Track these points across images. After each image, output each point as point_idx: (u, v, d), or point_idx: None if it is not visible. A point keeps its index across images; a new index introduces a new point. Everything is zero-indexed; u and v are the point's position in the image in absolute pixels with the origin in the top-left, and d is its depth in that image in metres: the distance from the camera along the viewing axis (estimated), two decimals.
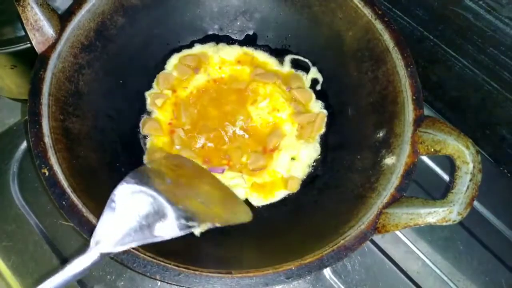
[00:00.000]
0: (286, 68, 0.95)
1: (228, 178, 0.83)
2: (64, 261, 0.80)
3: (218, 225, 0.63)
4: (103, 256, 0.51)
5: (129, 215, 0.53)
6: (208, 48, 0.94)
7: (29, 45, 0.81)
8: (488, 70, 0.87)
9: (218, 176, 0.82)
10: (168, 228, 0.56)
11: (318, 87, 0.93)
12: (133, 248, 0.58)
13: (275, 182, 0.84)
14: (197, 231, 0.61)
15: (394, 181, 0.65)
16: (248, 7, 0.94)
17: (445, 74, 0.97)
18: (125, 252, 0.57)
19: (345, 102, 0.86)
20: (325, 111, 0.90)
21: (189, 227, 0.58)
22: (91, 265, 0.51)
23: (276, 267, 0.59)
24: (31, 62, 0.71)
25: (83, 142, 0.72)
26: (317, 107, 0.91)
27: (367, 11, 0.79)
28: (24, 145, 0.91)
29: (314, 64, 0.94)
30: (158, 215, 0.55)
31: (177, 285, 0.58)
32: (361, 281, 0.82)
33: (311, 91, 0.92)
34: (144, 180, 0.58)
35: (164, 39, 0.92)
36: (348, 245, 0.61)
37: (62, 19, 0.73)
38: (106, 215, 0.53)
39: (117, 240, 0.52)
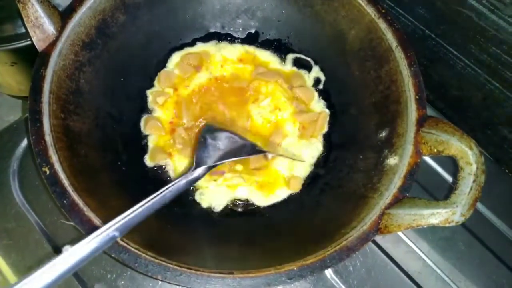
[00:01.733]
0: (288, 66, 0.94)
1: (228, 178, 0.82)
2: None
3: (281, 153, 0.83)
4: (206, 170, 0.68)
5: (215, 143, 0.72)
6: (210, 47, 0.94)
7: (29, 42, 0.81)
8: (490, 69, 0.86)
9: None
10: (246, 151, 0.75)
11: (320, 86, 0.92)
12: (134, 248, 0.58)
13: (276, 180, 0.83)
14: (269, 155, 0.83)
15: (397, 181, 0.65)
16: (250, 5, 0.93)
17: (446, 73, 0.97)
18: (126, 251, 0.58)
19: (347, 101, 0.86)
20: (327, 110, 0.89)
21: (260, 151, 0.77)
22: (198, 177, 0.67)
23: (278, 267, 0.58)
24: (31, 59, 0.70)
25: (84, 140, 0.71)
26: (319, 106, 0.90)
27: (370, 10, 0.78)
28: (24, 142, 0.90)
29: (316, 63, 0.93)
30: (236, 143, 0.75)
31: (178, 285, 0.58)
32: (362, 281, 0.82)
33: (313, 89, 0.92)
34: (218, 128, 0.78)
35: (166, 37, 0.91)
36: (350, 246, 0.61)
37: (63, 16, 0.72)
38: (199, 144, 0.71)
39: (213, 158, 0.70)
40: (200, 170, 0.67)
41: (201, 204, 0.80)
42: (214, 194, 0.81)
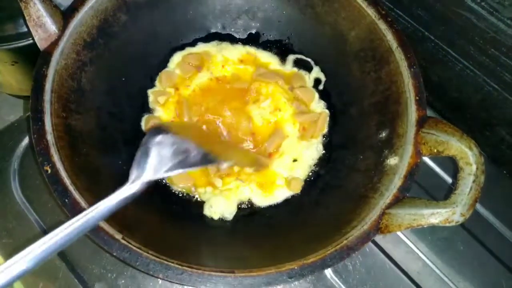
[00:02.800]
0: (289, 67, 0.94)
1: (227, 182, 0.82)
2: (65, 258, 0.79)
3: (241, 165, 0.78)
4: (144, 184, 0.55)
5: (160, 151, 0.59)
6: (211, 47, 0.94)
7: (30, 41, 0.81)
8: (489, 71, 0.87)
9: None
10: (197, 160, 0.62)
11: (321, 87, 0.93)
12: (135, 247, 0.58)
13: (275, 179, 0.83)
14: (224, 165, 0.76)
15: (397, 181, 0.65)
16: (251, 6, 0.94)
17: (445, 75, 0.97)
18: (128, 250, 0.58)
19: (347, 102, 0.87)
20: (327, 111, 0.90)
21: (214, 161, 0.67)
22: (134, 194, 0.55)
23: (279, 266, 0.59)
24: (32, 59, 0.70)
25: (86, 139, 0.71)
26: (319, 107, 0.91)
27: (370, 11, 0.79)
28: (25, 142, 0.90)
29: (316, 64, 0.94)
30: (185, 152, 0.61)
31: (179, 283, 0.58)
32: (362, 281, 0.82)
33: (313, 90, 0.92)
34: (166, 130, 0.63)
35: (167, 37, 0.91)
36: (350, 245, 0.61)
37: (65, 15, 0.72)
38: (141, 153, 0.58)
39: (154, 170, 0.57)
40: (137, 185, 0.55)
41: (212, 217, 0.79)
42: (221, 203, 0.80)
